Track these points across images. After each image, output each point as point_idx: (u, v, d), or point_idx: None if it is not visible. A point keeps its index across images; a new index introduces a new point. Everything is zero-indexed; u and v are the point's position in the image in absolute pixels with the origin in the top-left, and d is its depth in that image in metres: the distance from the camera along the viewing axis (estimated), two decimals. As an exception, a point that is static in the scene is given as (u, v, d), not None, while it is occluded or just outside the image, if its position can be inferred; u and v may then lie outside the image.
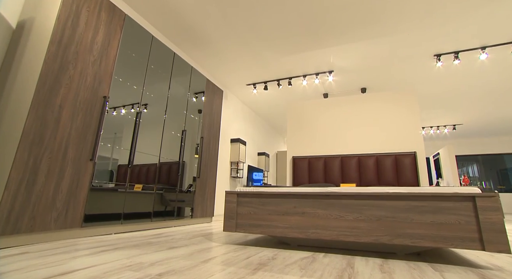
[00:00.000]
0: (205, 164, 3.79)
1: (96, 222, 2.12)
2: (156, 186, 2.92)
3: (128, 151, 2.64)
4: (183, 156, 3.38)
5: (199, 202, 3.59)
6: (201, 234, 2.43)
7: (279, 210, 1.84)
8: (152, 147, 2.97)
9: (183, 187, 3.54)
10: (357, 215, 1.65)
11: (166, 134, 3.17)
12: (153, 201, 2.82)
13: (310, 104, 4.16)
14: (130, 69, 2.64)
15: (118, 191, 2.38)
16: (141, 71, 2.79)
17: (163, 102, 3.11)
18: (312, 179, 3.76)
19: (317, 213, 1.74)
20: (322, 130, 3.98)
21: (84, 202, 2.01)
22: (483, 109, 6.36)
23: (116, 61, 2.43)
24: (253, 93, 5.85)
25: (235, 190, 2.03)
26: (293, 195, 1.83)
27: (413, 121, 3.55)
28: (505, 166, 10.30)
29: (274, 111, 7.02)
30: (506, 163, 10.26)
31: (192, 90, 3.66)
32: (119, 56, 2.48)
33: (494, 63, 4.39)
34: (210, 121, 4.01)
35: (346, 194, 1.70)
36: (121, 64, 2.51)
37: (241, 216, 1.94)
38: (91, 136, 2.09)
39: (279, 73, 5.09)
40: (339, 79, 5.11)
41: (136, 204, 2.60)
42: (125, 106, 2.59)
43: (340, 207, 1.70)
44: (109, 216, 2.26)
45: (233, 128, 5.93)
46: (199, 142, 3.69)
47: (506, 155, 10.06)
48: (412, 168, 3.36)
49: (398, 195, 1.60)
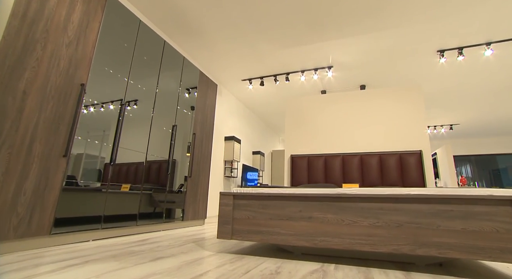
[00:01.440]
0: (197, 162, 3.53)
1: (70, 226, 1.83)
2: (144, 185, 2.64)
3: (121, 148, 2.40)
4: (174, 153, 3.11)
5: (191, 203, 3.33)
6: (192, 240, 2.17)
7: (282, 214, 1.60)
8: (142, 144, 2.70)
9: (174, 187, 3.27)
10: (373, 220, 1.43)
11: (156, 130, 2.89)
12: (139, 202, 2.54)
13: (310, 100, 3.94)
14: (114, 57, 2.35)
15: (101, 191, 2.10)
16: (127, 60, 2.51)
17: (152, 95, 2.83)
18: (311, 179, 3.53)
19: (327, 218, 1.51)
20: (322, 128, 3.76)
21: (55, 205, 1.73)
22: (481, 109, 6.27)
23: (97, 46, 2.15)
24: (249, 89, 5.60)
25: (230, 191, 1.78)
26: (299, 197, 1.59)
27: (418, 119, 3.37)
28: (498, 166, 10.34)
29: (270, 108, 6.79)
30: (499, 163, 10.29)
31: (184, 83, 3.39)
32: (101, 40, 2.20)
33: (498, 60, 4.25)
34: (203, 117, 3.74)
35: (361, 196, 1.47)
36: (103, 50, 2.23)
37: (238, 221, 1.69)
38: (64, 129, 1.81)
39: (277, 68, 4.86)
40: (339, 75, 4.91)
41: (120, 206, 2.32)
42: (113, 101, 2.37)
43: (353, 211, 1.47)
44: (87, 220, 1.98)
45: (227, 125, 5.66)
46: (191, 139, 3.42)
47: (498, 155, 10.08)
48: (418, 168, 3.17)
49: (422, 197, 1.38)
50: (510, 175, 10.14)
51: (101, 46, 2.20)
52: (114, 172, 2.33)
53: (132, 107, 2.66)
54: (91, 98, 2.16)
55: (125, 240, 2.09)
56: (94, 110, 2.13)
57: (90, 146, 2.08)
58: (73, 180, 1.91)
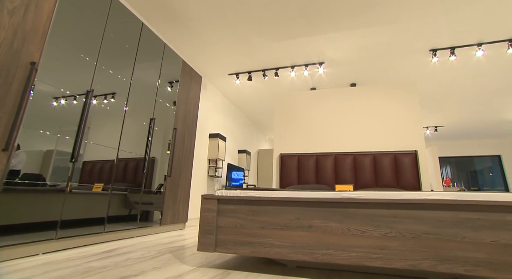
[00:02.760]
0: (178, 160, 3.20)
1: (11, 236, 1.48)
2: (117, 185, 2.30)
3: (95, 145, 2.13)
4: (152, 150, 2.78)
5: (170, 206, 3.00)
6: (170, 249, 1.87)
7: (277, 223, 1.34)
8: (117, 140, 2.37)
9: (152, 187, 2.94)
10: (385, 230, 1.20)
11: (133, 125, 2.56)
12: (108, 204, 2.20)
13: (300, 96, 3.72)
14: (80, 37, 2.00)
15: (63, 191, 1.75)
16: (95, 39, 2.16)
17: (126, 84, 2.49)
18: (302, 179, 3.31)
19: (330, 227, 1.27)
20: (313, 125, 3.55)
21: (-8, 210, 1.37)
22: (465, 111, 6.33)
23: (54, 18, 1.79)
24: (236, 84, 5.31)
25: (214, 194, 1.50)
26: (296, 201, 1.34)
27: (414, 117, 3.23)
28: (475, 168, 10.67)
29: (257, 106, 6.53)
30: (476, 165, 10.63)
31: (166, 73, 3.06)
32: (60, 11, 1.84)
33: (488, 61, 4.23)
34: (186, 111, 3.42)
35: (371, 201, 1.24)
36: (64, 26, 1.87)
37: (223, 229, 1.41)
38: (5, 117, 1.45)
39: (266, 63, 4.61)
40: (330, 72, 4.73)
41: (85, 209, 1.98)
42: (96, 96, 2.20)
43: (361, 218, 1.24)
44: (39, 227, 1.63)
45: (212, 122, 5.35)
46: (172, 134, 3.10)
47: (476, 157, 10.40)
48: (413, 168, 3.03)
49: (443, 202, 1.17)
50: (486, 176, 10.48)
51: (61, 20, 1.85)
52: (85, 170, 2.03)
53: (109, 101, 2.35)
54: (63, 88, 1.84)
55: (86, 252, 1.76)
56: (65, 103, 1.92)
57: (62, 142, 1.89)
58: (14, 179, 1.56)
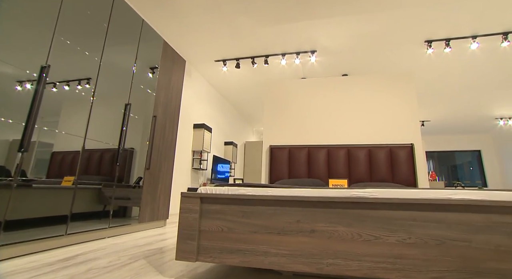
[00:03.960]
0: (158, 151, 2.91)
1: None
2: (86, 179, 2.00)
3: (67, 134, 1.88)
4: (128, 140, 2.47)
5: (148, 201, 2.72)
6: (145, 253, 1.61)
7: (273, 226, 1.12)
8: (92, 129, 2.07)
9: (131, 180, 2.64)
10: (403, 235, 1.00)
11: (107, 112, 2.24)
12: (72, 201, 1.89)
13: (292, 85, 3.49)
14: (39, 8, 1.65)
15: (6, 187, 1.44)
16: (50, 7, 1.81)
17: (111, 70, 2.15)
18: (293, 173, 3.11)
19: (337, 232, 1.05)
20: (305, 116, 3.34)
21: None
22: (453, 106, 6.36)
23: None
24: (222, 71, 5.00)
25: (196, 191, 1.25)
26: (297, 201, 1.11)
27: (410, 109, 3.09)
28: (455, 162, 11.00)
29: (245, 96, 6.25)
30: (456, 160, 10.95)
31: (145, 55, 2.72)
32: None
33: (482, 54, 4.15)
34: (167, 97, 3.10)
35: (386, 201, 1.03)
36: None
37: (207, 234, 1.17)
38: None
39: (255, 49, 4.32)
40: (322, 61, 4.52)
41: (47, 207, 1.68)
42: (69, 82, 1.94)
43: (374, 222, 1.03)
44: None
45: (197, 111, 5.03)
46: (151, 123, 2.78)
47: (457, 152, 10.69)
48: (409, 162, 2.90)
49: (470, 203, 0.98)
50: (465, 171, 10.82)
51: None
52: (54, 162, 1.79)
53: (83, 87, 2.05)
54: (29, 70, 1.52)
55: (37, 261, 1.46)
56: (31, 88, 1.69)
57: (41, 133, 1.74)
58: None
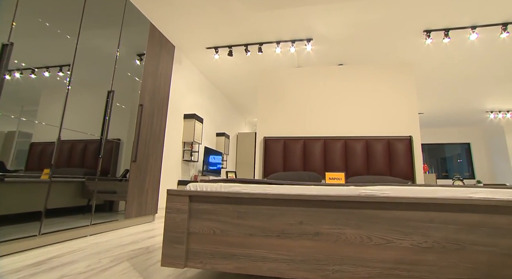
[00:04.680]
0: (146, 142, 2.73)
1: None
2: (67, 171, 1.82)
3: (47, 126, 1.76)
4: (112, 130, 2.28)
5: (135, 196, 2.56)
6: (129, 254, 1.47)
7: (272, 228, 0.99)
8: (74, 119, 1.89)
9: (117, 173, 2.48)
10: (419, 238, 0.89)
11: (90, 101, 2.04)
12: (46, 196, 1.72)
13: (287, 74, 3.34)
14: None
15: None
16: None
17: (81, 51, 1.93)
18: (288, 166, 3.00)
19: (344, 235, 0.94)
20: (301, 106, 3.21)
21: None
22: (447, 99, 6.34)
23: None
24: (214, 59, 4.78)
25: (185, 189, 1.11)
26: (299, 200, 0.99)
27: (409, 100, 3.00)
28: (445, 155, 11.19)
29: (238, 86, 6.06)
30: (446, 152, 11.13)
31: (130, 39, 2.50)
32: None
33: (481, 45, 4.08)
34: (155, 85, 2.90)
35: (399, 201, 0.91)
36: None
37: (197, 237, 1.04)
38: None
39: (249, 36, 4.12)
40: (318, 49, 4.36)
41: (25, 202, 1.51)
42: (49, 68, 1.78)
43: (386, 223, 0.92)
44: None
45: (187, 101, 4.82)
46: (137, 112, 2.59)
47: (446, 144, 10.85)
48: (407, 155, 2.82)
49: (494, 203, 0.87)
50: (454, 163, 11.02)
51: None
52: (33, 154, 1.66)
53: (65, 73, 1.86)
54: None
55: (4, 266, 1.30)
56: (20, 76, 1.59)
57: (21, 123, 1.63)
58: None
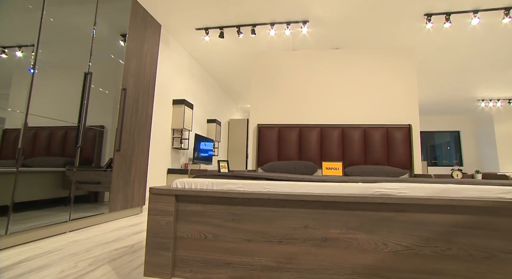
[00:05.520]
0: (131, 130, 2.53)
1: None
2: (42, 160, 1.63)
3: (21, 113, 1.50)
4: (87, 116, 2.06)
5: (120, 187, 2.39)
6: (112, 254, 1.33)
7: (272, 232, 0.86)
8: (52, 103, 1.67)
9: (102, 162, 2.30)
10: (442, 245, 0.78)
11: (65, 83, 1.81)
12: (13, 189, 1.54)
13: (283, 57, 3.14)
14: None
15: None
16: None
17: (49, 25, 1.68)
18: (282, 155, 2.87)
19: (356, 241, 0.81)
20: (296, 92, 3.05)
21: None
22: (441, 86, 6.27)
23: None
24: (205, 41, 4.49)
25: (171, 187, 0.95)
26: (304, 201, 0.85)
27: (409, 87, 2.88)
28: (434, 142, 11.38)
29: (230, 70, 5.80)
30: (435, 140, 11.32)
31: (107, 15, 2.24)
32: None
33: (483, 31, 3.95)
34: (139, 68, 2.67)
35: (419, 203, 0.79)
36: None
37: (186, 242, 0.90)
38: None
39: (241, 17, 3.85)
40: (315, 32, 4.14)
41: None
42: (21, 47, 1.60)
43: (404, 227, 0.80)
44: None
45: (176, 86, 4.57)
46: (120, 97, 2.38)
47: (436, 132, 11.00)
48: (405, 144, 2.74)
49: (529, 205, 0.76)
50: (443, 151, 11.23)
51: None
52: (6, 142, 1.49)
53: (36, 53, 1.62)
54: None
55: (-29, 269, 1.14)
56: None
57: None
58: None
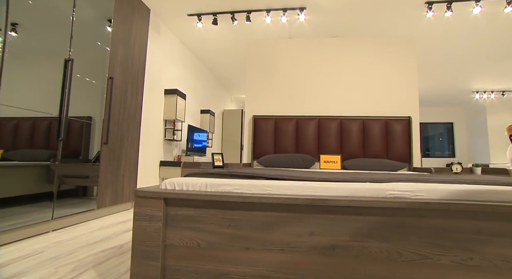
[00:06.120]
0: (119, 121, 2.39)
1: None
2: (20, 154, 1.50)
3: None
4: (69, 107, 1.91)
5: (109, 182, 2.27)
6: (97, 257, 1.23)
7: (274, 240, 0.77)
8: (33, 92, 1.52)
9: (90, 154, 2.18)
10: (462, 254, 0.70)
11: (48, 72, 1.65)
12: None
13: (278, 45, 3.00)
14: None
15: None
16: None
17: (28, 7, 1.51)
18: (279, 148, 2.78)
19: (368, 249, 0.73)
20: (294, 82, 2.93)
21: None
22: (437, 78, 6.22)
23: None
24: (197, 28, 4.29)
25: (159, 187, 0.85)
26: (309, 205, 0.76)
27: (409, 78, 2.79)
28: (427, 134, 11.51)
29: (224, 59, 5.61)
30: (429, 131, 11.44)
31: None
32: None
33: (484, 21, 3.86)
34: (127, 55, 2.50)
35: (438, 207, 0.71)
36: None
37: (177, 251, 0.80)
38: None
39: (235, 3, 3.66)
40: (312, 20, 3.98)
41: None
42: None
43: (421, 234, 0.72)
44: None
45: (168, 75, 4.39)
46: (107, 85, 2.22)
47: (429, 123, 11.08)
48: (405, 137, 2.67)
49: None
50: (436, 142, 11.36)
51: None
52: None
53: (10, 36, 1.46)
54: None
55: None
56: None
57: None
58: None
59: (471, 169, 2.51)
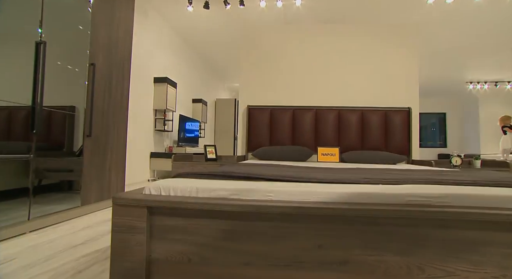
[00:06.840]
0: (104, 112, 2.22)
1: None
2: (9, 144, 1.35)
3: None
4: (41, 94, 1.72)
5: (93, 177, 2.13)
6: (77, 264, 1.11)
7: (276, 254, 0.66)
8: None
9: (74, 146, 2.03)
10: (494, 271, 0.61)
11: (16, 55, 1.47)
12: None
13: (274, 32, 2.84)
14: None
15: None
16: None
17: None
18: (274, 139, 2.67)
19: (384, 263, 0.63)
20: (290, 70, 2.79)
21: None
22: (432, 67, 6.14)
23: None
24: (188, 13, 4.05)
25: (141, 193, 0.73)
26: (318, 215, 0.65)
27: (410, 68, 2.69)
28: (420, 124, 11.62)
29: (216, 46, 5.38)
30: (421, 121, 11.54)
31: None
32: None
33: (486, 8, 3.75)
34: (110, 39, 2.30)
35: (465, 218, 0.61)
36: None
37: (164, 267, 0.69)
38: None
39: (228, -17, 3.44)
40: (309, 5, 3.79)
41: None
42: None
43: (444, 247, 0.62)
44: None
45: (157, 62, 4.17)
46: (88, 72, 2.03)
47: (422, 114, 11.15)
48: (404, 128, 2.60)
49: None
50: (428, 132, 11.49)
51: None
52: None
53: None
54: None
55: None
56: None
57: None
58: None
59: (470, 162, 2.47)
